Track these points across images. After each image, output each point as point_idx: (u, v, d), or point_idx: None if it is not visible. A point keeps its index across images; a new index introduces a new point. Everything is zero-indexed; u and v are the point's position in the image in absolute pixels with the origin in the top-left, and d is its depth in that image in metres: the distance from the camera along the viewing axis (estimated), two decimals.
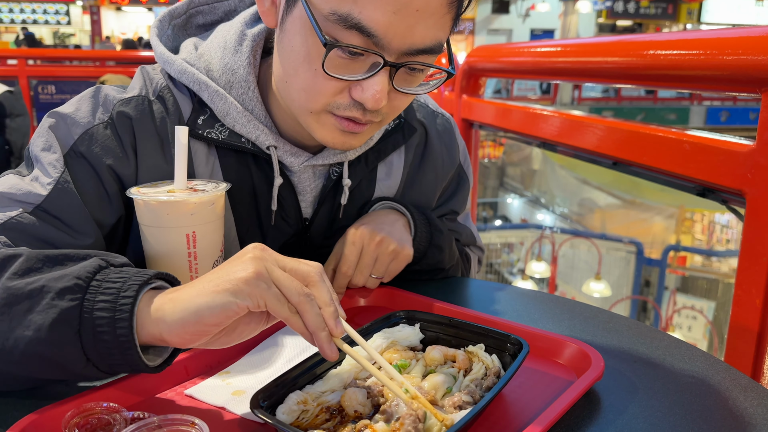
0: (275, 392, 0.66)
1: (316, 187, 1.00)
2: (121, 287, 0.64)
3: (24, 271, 0.67)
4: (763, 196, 1.05)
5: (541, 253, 7.27)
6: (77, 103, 0.91)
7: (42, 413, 0.63)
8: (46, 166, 0.85)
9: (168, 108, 0.92)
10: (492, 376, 0.70)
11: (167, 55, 0.94)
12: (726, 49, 1.11)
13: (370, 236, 0.95)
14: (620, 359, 0.82)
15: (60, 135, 0.87)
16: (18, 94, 4.38)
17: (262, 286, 0.62)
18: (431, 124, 1.11)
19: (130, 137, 0.90)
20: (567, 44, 1.73)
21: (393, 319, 0.81)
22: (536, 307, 1.01)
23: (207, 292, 0.63)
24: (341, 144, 0.87)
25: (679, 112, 13.19)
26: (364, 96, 0.78)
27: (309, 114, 0.84)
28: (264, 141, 0.93)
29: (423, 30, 0.75)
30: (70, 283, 0.64)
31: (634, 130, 1.41)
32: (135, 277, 0.65)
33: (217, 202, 0.84)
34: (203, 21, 1.03)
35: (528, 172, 11.52)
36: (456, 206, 1.18)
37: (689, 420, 0.68)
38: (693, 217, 8.64)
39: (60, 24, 15.94)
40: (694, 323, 6.58)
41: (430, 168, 1.11)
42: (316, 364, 0.71)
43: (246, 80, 0.92)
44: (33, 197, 0.83)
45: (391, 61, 0.76)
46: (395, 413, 0.63)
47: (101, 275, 0.65)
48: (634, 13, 16.16)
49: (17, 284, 0.65)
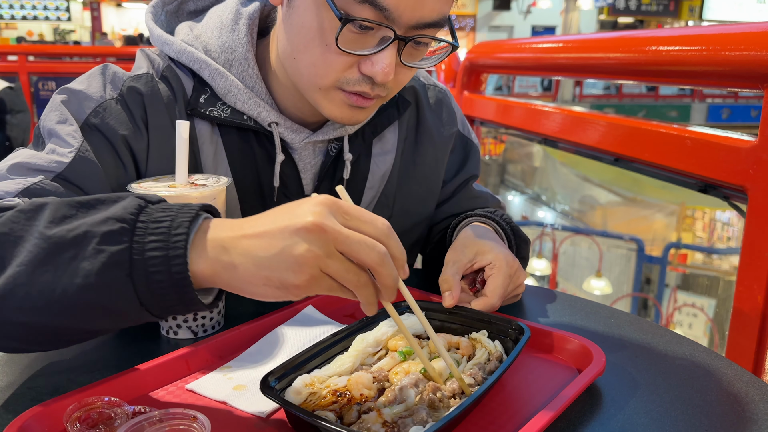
0: (284, 375, 0.66)
1: (316, 164, 1.01)
2: (171, 225, 0.61)
3: (60, 219, 0.63)
4: (765, 192, 1.05)
5: (542, 251, 7.27)
6: (87, 79, 0.92)
7: (44, 407, 0.63)
8: (64, 137, 0.84)
9: (173, 88, 0.94)
10: (495, 361, 0.72)
11: (165, 37, 0.95)
12: (728, 44, 1.11)
13: (512, 264, 0.91)
14: (622, 354, 0.82)
15: (73, 109, 0.88)
16: (18, 91, 4.39)
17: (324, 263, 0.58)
18: (423, 96, 1.12)
19: (141, 112, 0.91)
20: (568, 40, 1.73)
21: (398, 309, 0.82)
22: (538, 302, 1.01)
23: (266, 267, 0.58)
24: (349, 119, 0.89)
25: (680, 109, 13.18)
26: (374, 70, 0.80)
27: (318, 90, 0.86)
28: (266, 118, 0.94)
29: (431, 3, 0.78)
30: (115, 226, 0.60)
31: (636, 127, 1.41)
32: (182, 214, 0.62)
33: (218, 197, 0.84)
34: (194, 7, 1.05)
35: (529, 170, 11.51)
36: (473, 170, 1.18)
37: (690, 415, 0.68)
38: (694, 214, 8.63)
39: (60, 20, 15.93)
40: (695, 321, 6.58)
41: (427, 142, 1.11)
42: (324, 349, 0.73)
43: (245, 58, 0.94)
44: (55, 165, 0.82)
45: (401, 35, 0.78)
46: (399, 396, 0.64)
47: (144, 215, 0.62)
48: (635, 10, 16.13)
49: (56, 232, 0.61)
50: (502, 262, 0.89)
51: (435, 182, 1.14)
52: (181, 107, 0.93)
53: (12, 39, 13.88)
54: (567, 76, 1.86)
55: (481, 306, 0.85)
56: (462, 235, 0.98)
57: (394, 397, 0.64)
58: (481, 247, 0.92)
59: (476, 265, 0.91)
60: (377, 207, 1.08)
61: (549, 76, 2.85)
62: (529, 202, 10.95)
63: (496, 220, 1.05)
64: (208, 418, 0.59)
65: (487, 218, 1.06)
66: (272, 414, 0.67)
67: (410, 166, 1.10)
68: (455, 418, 0.59)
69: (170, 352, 0.75)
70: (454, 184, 1.16)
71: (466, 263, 0.91)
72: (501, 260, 0.89)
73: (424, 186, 1.12)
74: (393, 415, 0.62)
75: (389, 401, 0.64)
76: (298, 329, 0.85)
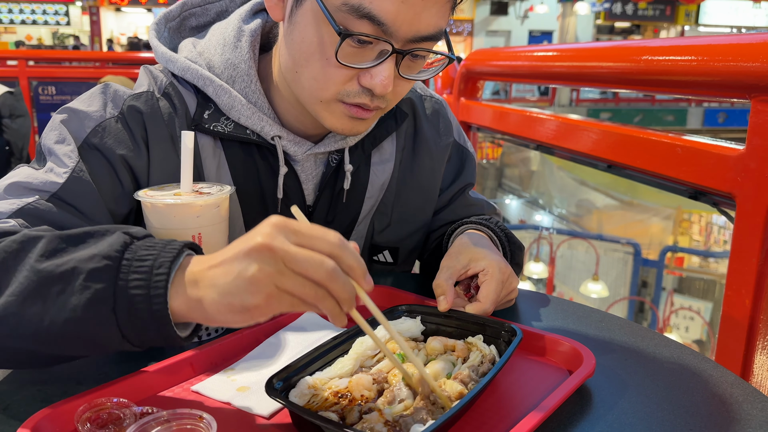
0: (288, 378, 0.69)
1: (317, 175, 1.04)
2: (153, 264, 0.65)
3: (50, 252, 0.67)
4: (753, 199, 1.08)
5: (539, 254, 7.29)
6: (88, 99, 0.94)
7: (55, 408, 0.65)
8: (61, 157, 0.88)
9: (175, 104, 0.96)
10: (487, 363, 0.74)
11: (169, 54, 0.98)
12: (717, 55, 1.14)
13: (504, 271, 0.93)
14: (612, 357, 0.85)
15: (72, 128, 0.91)
16: (18, 95, 4.40)
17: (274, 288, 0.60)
18: (420, 107, 1.15)
19: (141, 131, 0.94)
20: (563, 49, 1.76)
21: (395, 313, 0.85)
22: (530, 306, 1.03)
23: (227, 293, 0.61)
24: (349, 130, 0.92)
25: (676, 114, 13.23)
26: (373, 82, 0.83)
27: (319, 103, 0.89)
28: (269, 131, 0.97)
29: (427, 18, 0.81)
30: (101, 263, 0.64)
31: (628, 134, 1.44)
32: (165, 252, 0.66)
33: (222, 205, 0.86)
34: (196, 23, 1.08)
35: (526, 174, 11.55)
36: (469, 178, 1.21)
37: (677, 415, 0.71)
38: (690, 218, 8.67)
39: (59, 24, 15.95)
40: (692, 324, 6.61)
41: (424, 153, 1.14)
42: (325, 352, 0.75)
43: (248, 74, 0.97)
44: (49, 186, 0.86)
45: (398, 48, 0.81)
46: (398, 396, 0.67)
47: (129, 252, 0.66)
48: (632, 15, 16.20)
49: (47, 266, 0.66)
50: (495, 268, 0.92)
51: (432, 191, 1.17)
52: (182, 123, 0.95)
53: (11, 43, 13.90)
54: (563, 84, 1.89)
55: (474, 310, 0.88)
56: (457, 243, 1.01)
57: (393, 397, 0.67)
58: (475, 254, 0.95)
59: (470, 271, 0.94)
60: (376, 215, 1.11)
61: (545, 83, 2.89)
62: (526, 206, 10.97)
63: (490, 227, 1.08)
64: (214, 418, 0.61)
65: (482, 225, 1.09)
66: (275, 414, 0.70)
67: (408, 176, 1.13)
68: (453, 416, 0.62)
69: (176, 354, 0.77)
70: (451, 192, 1.19)
71: (459, 269, 0.94)
72: (494, 267, 0.92)
73: (421, 195, 1.15)
74: (394, 414, 0.64)
75: (389, 402, 0.67)
76: (299, 333, 0.88)
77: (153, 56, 1.03)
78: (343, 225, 1.10)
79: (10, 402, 0.71)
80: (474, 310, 0.88)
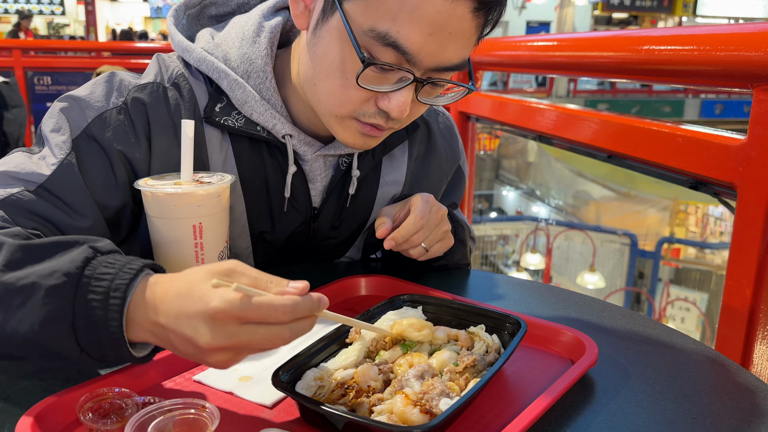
0: (293, 370, 0.69)
1: (326, 177, 1.03)
2: (110, 285, 0.64)
3: (14, 263, 0.67)
4: (754, 189, 1.08)
5: (536, 245, 7.31)
6: (92, 87, 0.93)
7: (57, 398, 0.65)
8: (53, 147, 0.87)
9: (183, 95, 0.95)
10: (493, 353, 0.75)
11: (186, 44, 0.97)
12: (718, 45, 1.13)
13: (437, 207, 0.98)
14: (614, 346, 0.85)
15: (73, 117, 0.90)
16: (14, 85, 4.37)
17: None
18: (433, 121, 1.15)
19: (143, 123, 0.92)
20: (562, 39, 1.75)
21: (397, 303, 0.85)
22: (533, 296, 1.03)
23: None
24: (361, 145, 0.92)
25: (673, 105, 13.23)
26: (391, 106, 0.83)
27: (334, 117, 0.88)
28: (280, 130, 0.96)
29: (452, 50, 0.80)
30: (60, 280, 0.64)
31: (628, 124, 1.43)
32: (123, 272, 0.65)
33: (223, 194, 0.86)
34: (216, 12, 1.06)
35: (523, 165, 11.55)
36: (456, 198, 1.24)
37: (679, 404, 0.71)
38: (687, 209, 8.69)
39: (54, 14, 15.82)
40: (687, 315, 6.64)
41: (435, 164, 1.15)
42: (329, 343, 0.75)
43: (264, 71, 0.95)
44: (36, 177, 0.85)
45: (419, 77, 0.81)
46: (405, 386, 0.66)
47: (89, 269, 0.65)
48: (629, 6, 16.14)
49: (8, 278, 0.66)
50: (419, 195, 0.97)
51: None
52: (189, 115, 0.94)
53: (5, 33, 13.78)
54: (561, 74, 1.89)
55: (409, 222, 0.92)
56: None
57: (401, 387, 0.66)
58: (409, 199, 0.98)
59: (405, 211, 0.97)
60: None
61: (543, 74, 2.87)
62: (523, 197, 10.99)
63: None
64: (216, 408, 0.61)
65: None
66: (276, 404, 0.70)
67: (416, 185, 1.13)
68: (476, 392, 0.64)
69: None
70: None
71: (397, 209, 0.98)
72: (422, 196, 0.97)
73: None
74: (415, 394, 0.64)
75: (396, 392, 0.66)
76: None
77: (149, 47, 1.01)
78: (349, 231, 1.10)
79: (12, 392, 0.71)
80: (408, 222, 0.92)
